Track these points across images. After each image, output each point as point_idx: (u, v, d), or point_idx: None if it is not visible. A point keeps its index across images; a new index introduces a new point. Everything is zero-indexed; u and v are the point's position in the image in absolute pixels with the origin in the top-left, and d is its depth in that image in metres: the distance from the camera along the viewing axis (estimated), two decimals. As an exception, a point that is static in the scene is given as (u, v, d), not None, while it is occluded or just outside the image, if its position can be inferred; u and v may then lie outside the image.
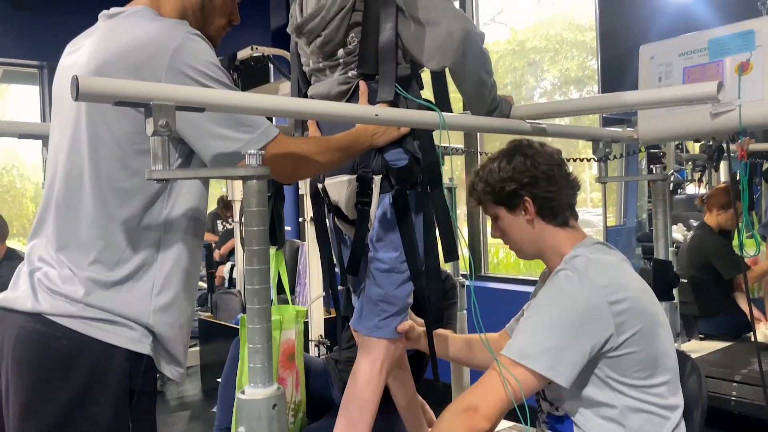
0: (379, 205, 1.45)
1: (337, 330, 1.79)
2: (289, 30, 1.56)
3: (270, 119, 1.23)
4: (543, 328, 1.26)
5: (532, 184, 1.37)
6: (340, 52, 1.45)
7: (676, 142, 2.59)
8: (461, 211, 4.56)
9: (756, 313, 2.99)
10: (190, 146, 1.14)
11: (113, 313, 1.11)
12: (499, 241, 1.51)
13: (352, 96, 1.45)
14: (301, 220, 4.13)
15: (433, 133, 1.42)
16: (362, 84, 1.42)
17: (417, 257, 1.43)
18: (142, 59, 1.09)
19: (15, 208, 8.43)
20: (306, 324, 3.20)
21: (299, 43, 1.56)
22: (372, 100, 1.40)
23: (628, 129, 1.62)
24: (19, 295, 1.15)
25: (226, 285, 5.37)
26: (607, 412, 1.29)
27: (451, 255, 1.44)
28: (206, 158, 1.13)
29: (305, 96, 1.59)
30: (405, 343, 1.60)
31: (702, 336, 3.13)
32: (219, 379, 2.19)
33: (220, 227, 6.27)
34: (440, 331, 1.73)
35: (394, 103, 1.38)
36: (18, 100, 7.11)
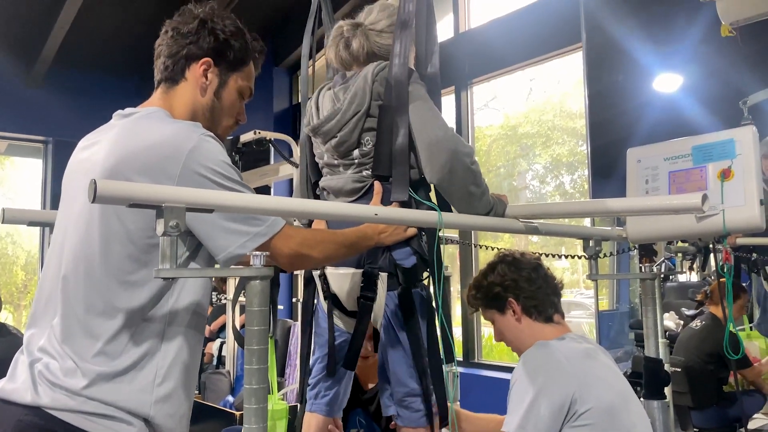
0: (387, 302, 1.50)
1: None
2: (305, 129, 1.64)
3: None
4: (517, 400, 1.42)
5: (513, 287, 1.59)
6: (356, 152, 1.52)
7: (666, 236, 2.64)
8: (455, 289, 4.58)
9: None
10: (198, 239, 1.17)
11: (114, 406, 1.11)
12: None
13: (365, 194, 1.52)
14: (294, 300, 4.12)
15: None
16: (377, 185, 1.48)
17: (422, 356, 1.47)
18: (158, 159, 1.14)
19: (5, 276, 8.38)
20: (294, 408, 3.14)
21: (314, 139, 1.63)
22: (385, 200, 1.47)
23: (617, 228, 1.67)
24: (18, 386, 1.15)
25: (215, 363, 5.27)
26: None
27: (449, 356, 1.50)
28: (215, 251, 1.16)
29: (315, 185, 1.66)
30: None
31: (696, 430, 3.10)
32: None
33: (214, 299, 6.22)
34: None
35: (406, 204, 1.45)
36: (20, 170, 7.21)
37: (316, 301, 1.68)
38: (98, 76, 5.59)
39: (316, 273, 1.63)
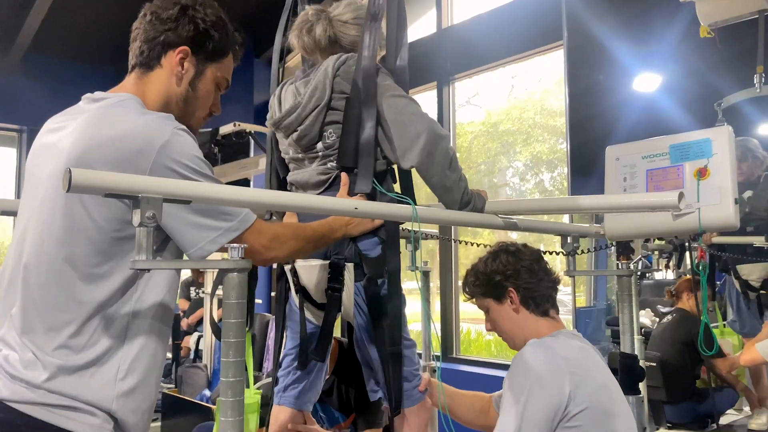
0: (355, 292, 1.50)
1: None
2: (267, 124, 1.64)
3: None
4: (512, 399, 1.40)
5: (514, 276, 1.56)
6: (319, 145, 1.53)
7: (643, 233, 2.68)
8: (434, 285, 4.60)
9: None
10: (167, 233, 1.14)
11: (76, 399, 1.09)
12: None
13: (331, 185, 1.52)
14: (273, 294, 4.10)
15: (404, 224, 1.50)
16: (344, 176, 1.49)
17: (384, 345, 1.48)
18: (128, 152, 1.11)
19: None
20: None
21: (277, 133, 1.64)
22: (351, 192, 1.47)
23: (595, 225, 1.69)
24: None
25: (192, 357, 5.24)
26: None
27: (393, 347, 1.49)
28: (184, 246, 1.14)
29: (284, 180, 1.66)
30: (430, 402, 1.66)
31: (670, 425, 3.15)
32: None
33: (193, 293, 6.18)
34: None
35: (370, 196, 1.45)
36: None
37: (288, 294, 1.68)
38: (75, 63, 5.50)
39: (287, 267, 1.64)
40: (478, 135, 8.28)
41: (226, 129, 3.50)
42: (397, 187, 1.56)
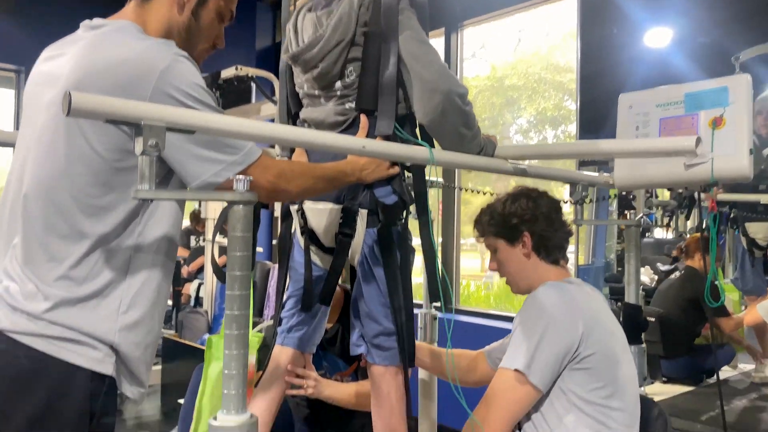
0: (365, 239, 1.47)
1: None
2: (284, 57, 1.56)
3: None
4: (525, 335, 1.41)
5: (532, 221, 1.55)
6: (338, 84, 1.46)
7: (647, 188, 2.65)
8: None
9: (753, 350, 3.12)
10: (170, 166, 1.12)
11: (77, 331, 1.08)
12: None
13: (349, 127, 1.46)
14: (274, 242, 4.10)
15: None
16: (363, 118, 1.43)
17: (398, 293, 1.45)
18: (127, 78, 1.07)
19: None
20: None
21: (294, 67, 1.56)
22: (369, 135, 1.42)
23: (604, 174, 1.66)
24: None
25: (192, 303, 5.28)
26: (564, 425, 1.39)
27: (436, 296, 1.48)
28: (187, 179, 1.12)
29: (296, 116, 1.59)
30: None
31: (665, 379, 3.19)
32: (180, 400, 2.15)
33: (193, 242, 6.20)
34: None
35: (391, 138, 1.40)
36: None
37: (293, 236, 1.64)
38: (73, 2, 5.36)
39: (293, 207, 1.59)
40: (482, 90, 8.17)
41: (227, 73, 3.44)
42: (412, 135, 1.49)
